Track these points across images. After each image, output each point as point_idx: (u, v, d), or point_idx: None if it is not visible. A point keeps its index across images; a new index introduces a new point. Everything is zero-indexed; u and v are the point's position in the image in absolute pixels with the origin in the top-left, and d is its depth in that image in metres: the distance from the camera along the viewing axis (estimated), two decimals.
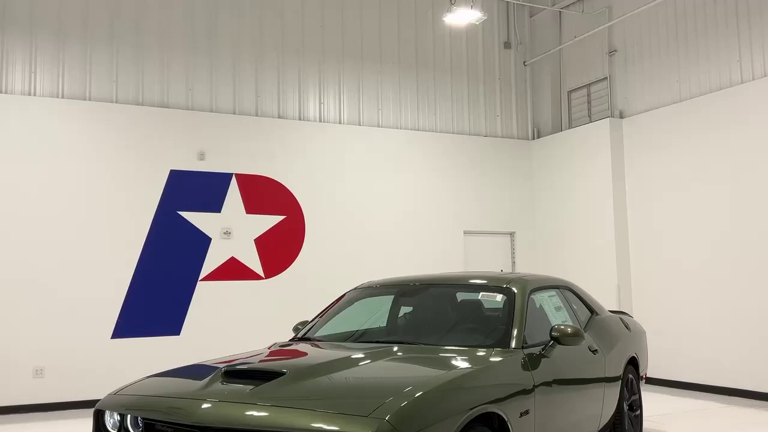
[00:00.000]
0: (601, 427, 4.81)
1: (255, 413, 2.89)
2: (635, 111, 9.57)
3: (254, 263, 9.00)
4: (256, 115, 9.29)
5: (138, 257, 8.35)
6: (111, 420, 3.44)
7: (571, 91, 10.83)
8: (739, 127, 7.99)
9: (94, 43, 8.49)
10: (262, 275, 9.04)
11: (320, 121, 9.72)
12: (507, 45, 11.25)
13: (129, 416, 3.36)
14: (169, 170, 8.61)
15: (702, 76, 8.64)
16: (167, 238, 8.53)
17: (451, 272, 5.49)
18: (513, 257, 10.93)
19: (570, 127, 10.74)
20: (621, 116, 9.77)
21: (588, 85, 10.46)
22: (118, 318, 8.19)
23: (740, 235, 7.92)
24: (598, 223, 9.70)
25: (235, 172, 8.98)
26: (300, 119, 9.58)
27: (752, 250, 7.77)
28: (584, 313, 5.22)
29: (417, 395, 2.95)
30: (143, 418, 3.27)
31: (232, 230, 8.88)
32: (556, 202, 10.55)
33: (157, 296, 8.41)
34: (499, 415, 3.35)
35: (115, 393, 3.53)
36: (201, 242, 8.71)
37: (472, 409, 3.11)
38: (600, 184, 9.68)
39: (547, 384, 3.89)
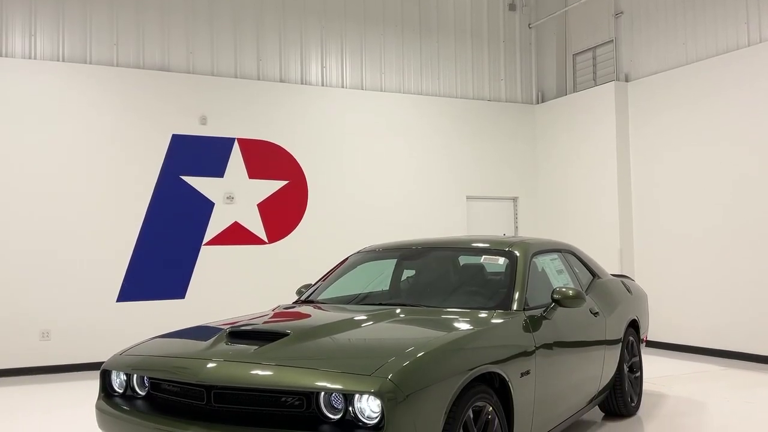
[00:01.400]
0: (601, 387, 4.86)
1: (259, 372, 2.93)
2: (641, 74, 9.47)
3: (257, 228, 9.03)
4: (258, 79, 9.22)
5: (142, 221, 8.38)
6: (118, 380, 3.49)
7: (576, 54, 10.71)
8: (746, 91, 7.91)
9: (94, 6, 8.39)
10: (266, 240, 9.07)
11: (322, 85, 9.65)
12: (512, 7, 11.10)
13: (135, 376, 3.41)
14: (171, 134, 8.59)
15: (709, 39, 8.53)
16: (170, 202, 8.55)
17: (453, 236, 5.51)
18: (516, 222, 10.94)
19: (575, 90, 10.64)
20: (626, 79, 9.67)
21: (593, 48, 10.34)
22: (123, 281, 8.26)
23: (744, 201, 7.90)
24: (601, 188, 9.68)
25: (237, 137, 8.95)
26: (302, 83, 9.51)
27: (755, 216, 7.76)
28: (586, 276, 5.25)
29: (419, 355, 2.98)
30: (149, 378, 3.31)
31: (235, 195, 8.89)
32: (560, 167, 10.51)
33: (161, 260, 8.46)
34: (500, 375, 3.39)
35: (122, 353, 3.58)
36: (204, 207, 8.73)
37: (473, 369, 3.15)
38: (604, 148, 9.63)
39: (548, 345, 3.92)
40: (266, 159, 9.13)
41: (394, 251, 5.05)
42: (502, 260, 4.43)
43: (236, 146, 8.94)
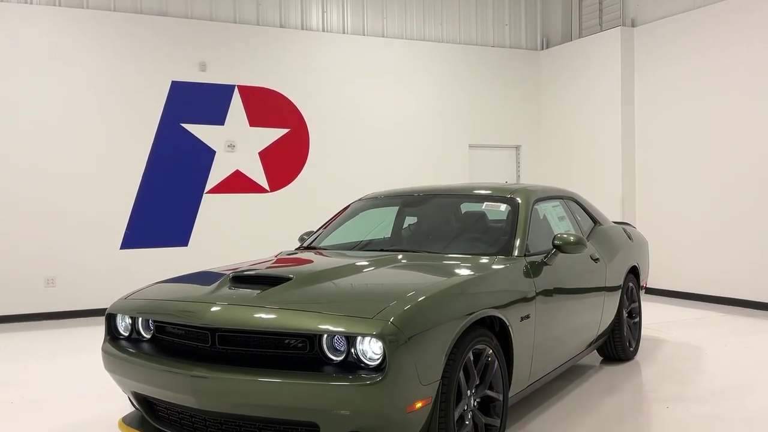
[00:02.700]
0: (599, 333, 4.93)
1: (263, 315, 2.97)
2: (648, 19, 9.27)
3: (259, 176, 9.01)
4: (257, 24, 9.06)
5: (143, 169, 8.36)
6: (123, 323, 3.54)
7: None
8: (755, 37, 7.76)
9: None
10: (267, 188, 9.07)
11: (323, 30, 9.48)
12: None
13: (140, 319, 3.45)
14: (171, 81, 8.49)
15: None
16: (171, 150, 8.51)
17: (455, 183, 5.50)
18: (518, 171, 10.90)
19: (580, 36, 10.45)
20: (633, 24, 9.49)
21: None
22: (126, 229, 8.30)
23: (748, 149, 7.85)
24: (604, 136, 9.60)
25: (237, 84, 8.85)
26: (302, 29, 9.34)
27: (759, 164, 7.72)
28: (587, 223, 5.26)
29: (420, 299, 3.01)
30: (154, 321, 3.36)
31: (236, 143, 8.84)
32: (563, 115, 10.42)
33: (164, 208, 8.48)
34: (500, 319, 3.43)
35: (126, 297, 3.62)
36: (205, 155, 8.69)
37: (473, 313, 3.18)
38: (609, 95, 9.51)
39: (549, 290, 3.96)
40: (267, 106, 9.05)
41: (396, 198, 5.06)
42: (503, 207, 4.44)
43: (236, 93, 8.85)
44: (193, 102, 8.62)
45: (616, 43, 9.36)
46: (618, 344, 5.29)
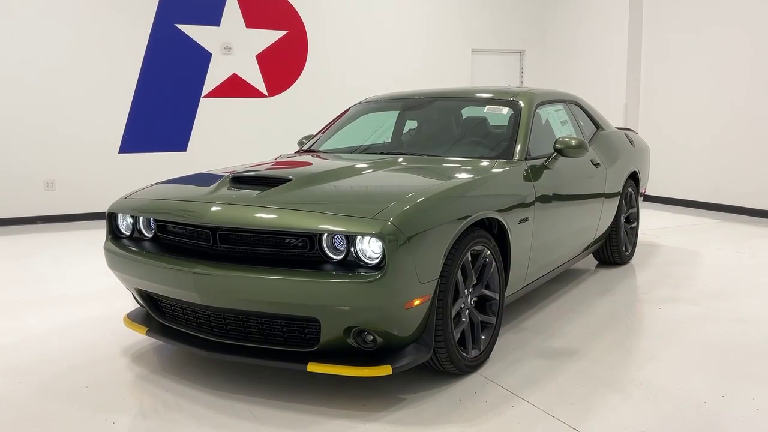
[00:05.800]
0: (597, 236, 4.98)
1: (263, 215, 2.97)
2: None
3: (257, 80, 8.85)
4: None
5: (138, 72, 8.21)
6: (124, 222, 3.55)
7: None
8: None
9: None
10: (266, 93, 8.93)
11: None
12: None
13: (141, 218, 3.47)
14: None
15: None
16: (166, 52, 8.32)
17: (456, 87, 5.41)
18: (521, 76, 10.71)
19: None
20: None
21: None
22: (124, 133, 8.23)
23: (755, 58, 7.67)
24: (610, 42, 9.37)
25: None
26: None
27: (762, 74, 7.57)
28: (590, 128, 5.21)
29: (419, 200, 3.01)
30: (155, 220, 3.37)
31: (232, 45, 8.63)
32: (569, 19, 10.12)
33: (161, 112, 8.38)
34: (498, 221, 3.45)
35: (126, 197, 3.62)
36: (201, 57, 8.51)
37: (472, 214, 3.19)
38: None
39: (548, 194, 3.96)
40: (263, 6, 8.77)
41: (397, 102, 4.98)
42: (505, 110, 4.37)
43: None
44: (187, 1, 8.34)
45: None
46: (614, 248, 5.35)
